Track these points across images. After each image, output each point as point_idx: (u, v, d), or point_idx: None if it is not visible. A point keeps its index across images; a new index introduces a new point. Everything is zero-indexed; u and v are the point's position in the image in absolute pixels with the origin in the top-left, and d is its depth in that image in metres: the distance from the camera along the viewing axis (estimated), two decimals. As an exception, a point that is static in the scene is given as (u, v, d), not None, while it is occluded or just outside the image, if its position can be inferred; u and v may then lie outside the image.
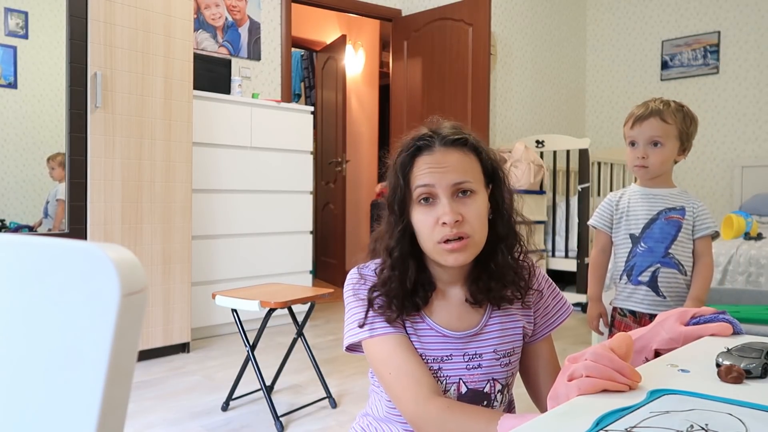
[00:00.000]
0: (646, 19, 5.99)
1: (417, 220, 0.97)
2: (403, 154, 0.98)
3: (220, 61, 3.72)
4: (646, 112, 1.69)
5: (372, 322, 0.98)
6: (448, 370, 0.98)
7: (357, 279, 1.03)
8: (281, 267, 3.75)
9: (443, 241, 0.94)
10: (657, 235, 1.72)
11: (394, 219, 0.99)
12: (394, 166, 0.99)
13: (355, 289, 1.02)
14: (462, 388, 0.99)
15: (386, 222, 1.01)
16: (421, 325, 1.00)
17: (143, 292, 0.39)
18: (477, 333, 1.01)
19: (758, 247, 2.84)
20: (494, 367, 1.00)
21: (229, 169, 3.50)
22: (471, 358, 1.00)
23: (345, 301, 1.04)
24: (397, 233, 0.98)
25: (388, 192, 1.00)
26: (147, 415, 2.28)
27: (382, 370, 0.95)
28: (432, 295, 1.01)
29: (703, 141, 5.60)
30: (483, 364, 1.00)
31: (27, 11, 2.86)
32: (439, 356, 0.98)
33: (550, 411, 0.70)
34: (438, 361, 0.98)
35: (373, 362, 0.97)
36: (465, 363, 0.99)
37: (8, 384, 0.43)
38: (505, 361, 1.02)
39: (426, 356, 0.98)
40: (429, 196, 0.96)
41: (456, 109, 4.48)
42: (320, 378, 2.43)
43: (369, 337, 0.97)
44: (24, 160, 2.90)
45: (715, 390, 0.75)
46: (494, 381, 1.01)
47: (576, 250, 4.54)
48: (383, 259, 1.00)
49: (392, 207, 0.99)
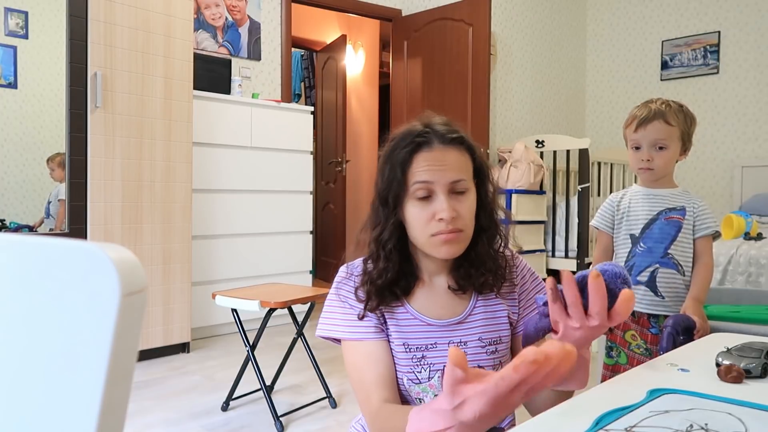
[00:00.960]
0: (646, 19, 5.99)
1: (411, 214, 0.99)
2: (401, 150, 1.00)
3: (220, 61, 3.72)
4: (650, 114, 1.67)
5: (346, 324, 1.01)
6: (432, 358, 1.01)
7: (344, 276, 1.06)
8: (281, 267, 3.75)
9: (437, 234, 0.97)
10: (656, 235, 1.71)
11: (386, 212, 1.01)
12: (391, 160, 1.00)
13: (339, 285, 1.05)
14: None
15: (376, 214, 1.03)
16: (403, 314, 1.02)
17: (143, 292, 0.39)
18: (461, 321, 1.03)
19: (758, 247, 2.84)
20: (479, 355, 1.02)
21: (229, 169, 3.50)
22: (455, 346, 1.02)
23: (331, 291, 1.06)
24: (391, 226, 1.01)
25: (380, 185, 1.01)
26: (147, 415, 2.28)
27: (350, 378, 1.02)
28: (414, 285, 1.04)
29: (703, 141, 5.60)
30: (468, 352, 1.02)
31: (27, 11, 2.86)
32: (423, 344, 1.01)
33: (549, 410, 0.70)
34: (422, 350, 1.01)
35: (346, 366, 1.03)
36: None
37: (8, 384, 0.43)
38: (491, 348, 1.04)
39: (409, 345, 1.00)
40: (427, 193, 0.98)
41: (456, 109, 4.48)
42: (320, 378, 2.43)
43: (342, 338, 1.02)
44: (24, 160, 2.90)
45: (714, 389, 0.75)
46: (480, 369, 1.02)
47: (576, 250, 4.54)
48: (373, 250, 1.03)
49: (385, 200, 1.00)
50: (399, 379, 1.00)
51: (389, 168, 1.00)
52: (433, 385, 1.01)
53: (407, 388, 1.00)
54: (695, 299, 1.66)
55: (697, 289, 1.69)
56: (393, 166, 1.00)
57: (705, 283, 1.70)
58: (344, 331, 1.01)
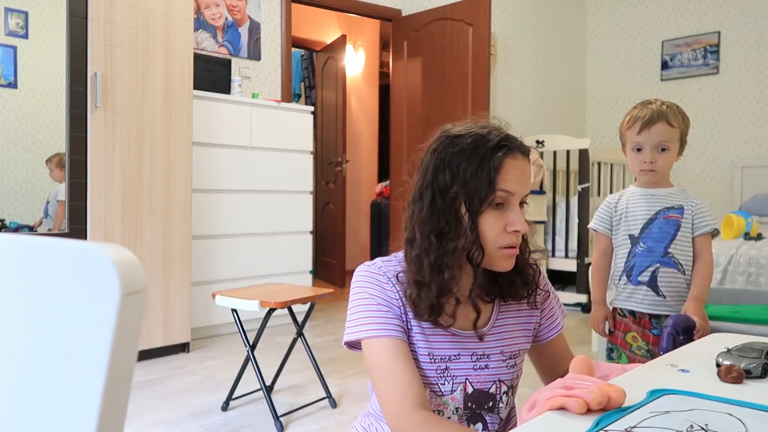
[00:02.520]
0: (646, 19, 5.99)
1: (485, 223, 0.93)
2: (491, 153, 0.92)
3: (220, 61, 3.72)
4: (654, 116, 1.65)
5: (374, 322, 0.96)
6: (455, 369, 0.98)
7: (379, 278, 0.98)
8: (281, 267, 3.75)
9: (507, 247, 0.94)
10: (656, 234, 1.71)
11: (470, 217, 0.92)
12: (477, 161, 0.92)
13: (371, 285, 0.98)
14: (468, 389, 0.99)
15: (451, 217, 0.94)
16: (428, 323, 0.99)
17: (143, 292, 0.39)
18: (485, 333, 1.01)
19: (758, 247, 2.84)
20: (501, 368, 1.01)
21: (229, 169, 3.50)
22: (479, 358, 1.00)
23: (353, 292, 0.99)
24: (473, 234, 0.92)
25: (459, 185, 0.92)
26: (147, 415, 2.28)
27: (373, 373, 0.95)
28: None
29: (703, 141, 5.60)
30: (490, 365, 1.00)
31: (27, 11, 2.86)
32: (447, 355, 0.98)
33: (550, 411, 0.70)
34: (446, 360, 0.98)
35: (368, 363, 0.96)
36: (473, 363, 0.99)
37: (8, 384, 0.43)
38: (511, 362, 1.02)
39: (435, 355, 0.97)
40: (504, 202, 0.93)
41: (456, 109, 4.48)
42: (320, 378, 2.43)
43: (368, 337, 0.95)
44: (24, 160, 2.90)
45: (715, 390, 0.75)
46: (500, 382, 1.01)
47: (576, 251, 4.54)
48: (443, 262, 0.94)
49: (472, 204, 0.92)
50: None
51: (475, 169, 0.92)
52: (455, 398, 0.98)
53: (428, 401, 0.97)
54: (696, 299, 1.65)
55: (698, 288, 1.69)
56: (482, 167, 0.91)
57: (705, 282, 1.69)
58: (371, 329, 0.95)
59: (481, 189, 0.91)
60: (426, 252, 0.94)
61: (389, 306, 0.96)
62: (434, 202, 0.94)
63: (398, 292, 0.97)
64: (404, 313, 0.97)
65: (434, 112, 4.64)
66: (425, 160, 0.98)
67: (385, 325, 0.95)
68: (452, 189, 0.93)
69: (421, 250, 0.95)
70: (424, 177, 0.96)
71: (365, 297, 0.97)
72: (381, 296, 0.97)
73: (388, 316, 0.96)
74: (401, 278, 0.98)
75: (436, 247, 0.94)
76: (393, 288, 0.97)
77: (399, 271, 0.99)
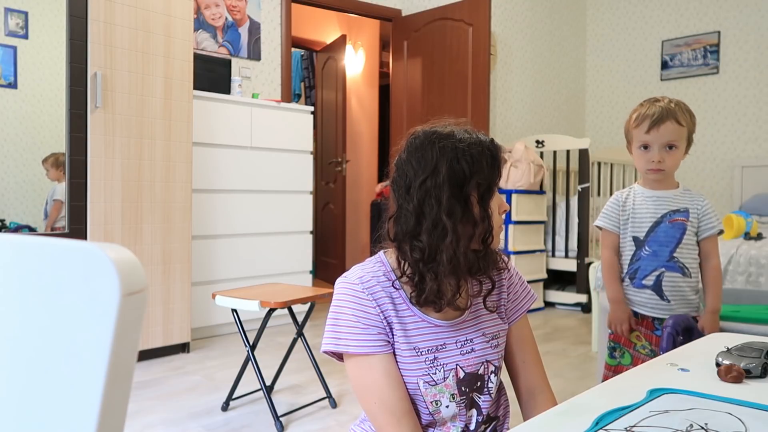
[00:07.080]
0: (646, 19, 5.99)
1: (492, 207, 1.01)
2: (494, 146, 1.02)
3: (220, 61, 3.72)
4: (663, 114, 1.61)
5: (358, 338, 0.96)
6: (443, 358, 1.01)
7: (357, 292, 0.99)
8: (281, 267, 3.75)
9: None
10: (661, 238, 1.69)
11: (482, 203, 0.99)
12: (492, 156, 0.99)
13: (351, 300, 0.99)
14: (460, 374, 1.02)
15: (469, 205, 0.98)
16: (410, 318, 1.00)
17: (143, 292, 0.39)
18: (464, 319, 1.04)
19: (758, 247, 2.84)
20: (486, 350, 1.05)
21: (229, 169, 3.50)
22: (463, 344, 1.03)
23: (335, 305, 1.00)
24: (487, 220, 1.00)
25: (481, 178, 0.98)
26: (147, 415, 2.28)
27: (366, 396, 0.97)
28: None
29: (703, 141, 5.60)
30: (475, 348, 1.04)
31: (27, 11, 2.86)
32: (433, 346, 1.01)
33: (550, 410, 0.70)
34: (432, 351, 1.00)
35: (355, 380, 0.98)
36: (459, 349, 1.03)
37: (8, 384, 0.43)
38: (494, 343, 1.07)
39: (419, 348, 1.00)
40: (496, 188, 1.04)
41: (456, 109, 4.47)
42: (320, 378, 2.43)
43: (355, 353, 0.97)
44: (24, 160, 2.90)
45: (714, 389, 0.75)
46: (488, 363, 1.05)
47: (576, 250, 4.54)
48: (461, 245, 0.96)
49: (486, 192, 0.99)
50: (414, 383, 0.98)
51: (491, 162, 0.99)
52: (449, 385, 1.00)
53: (423, 392, 0.99)
54: (713, 312, 1.64)
55: (715, 300, 1.66)
56: (496, 161, 1.01)
57: (719, 290, 1.68)
58: (358, 344, 0.96)
59: (493, 177, 1.00)
60: (442, 239, 0.95)
61: (370, 321, 0.98)
62: (453, 193, 0.96)
63: (375, 301, 0.98)
64: (383, 320, 0.98)
65: (434, 112, 4.60)
66: (428, 157, 0.98)
67: (370, 340, 0.97)
68: (471, 180, 0.97)
69: (439, 239, 0.96)
70: (432, 172, 0.97)
71: (348, 312, 0.98)
72: (361, 311, 0.98)
73: (370, 332, 0.97)
74: (390, 277, 1.01)
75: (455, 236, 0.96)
76: (370, 299, 0.98)
77: (383, 272, 1.01)
